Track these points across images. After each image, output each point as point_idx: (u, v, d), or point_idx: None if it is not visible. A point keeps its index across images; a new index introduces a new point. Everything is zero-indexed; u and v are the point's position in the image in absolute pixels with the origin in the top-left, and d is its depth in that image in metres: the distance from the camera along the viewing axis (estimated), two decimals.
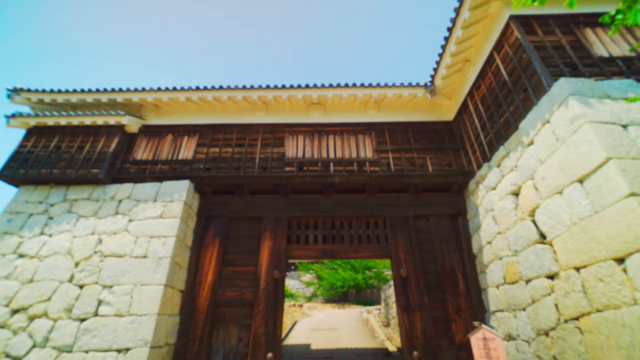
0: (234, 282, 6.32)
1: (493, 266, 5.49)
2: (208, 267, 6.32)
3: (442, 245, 6.51)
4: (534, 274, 4.32)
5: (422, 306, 5.84)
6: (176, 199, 6.36)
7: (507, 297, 5.01)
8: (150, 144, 7.46)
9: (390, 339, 12.29)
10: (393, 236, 6.58)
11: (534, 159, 4.51)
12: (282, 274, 6.20)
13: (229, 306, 6.09)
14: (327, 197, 7.08)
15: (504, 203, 5.22)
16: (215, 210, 6.95)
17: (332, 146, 7.42)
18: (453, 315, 5.82)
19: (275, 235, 6.61)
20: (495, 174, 5.62)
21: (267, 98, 7.51)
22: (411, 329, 5.63)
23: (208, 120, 7.82)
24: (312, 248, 6.61)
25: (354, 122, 7.71)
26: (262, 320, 5.75)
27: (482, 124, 6.27)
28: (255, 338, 5.61)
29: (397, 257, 6.34)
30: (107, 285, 5.38)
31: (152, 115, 7.90)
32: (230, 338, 5.85)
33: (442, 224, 6.74)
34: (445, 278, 6.18)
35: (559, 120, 4.05)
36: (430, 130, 7.55)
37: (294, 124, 7.72)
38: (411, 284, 6.06)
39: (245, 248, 6.66)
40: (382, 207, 6.95)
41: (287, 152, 7.35)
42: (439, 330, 5.76)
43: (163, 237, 5.89)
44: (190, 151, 7.34)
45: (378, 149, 7.27)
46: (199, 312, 5.87)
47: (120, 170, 6.99)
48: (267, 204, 7.02)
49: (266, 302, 5.92)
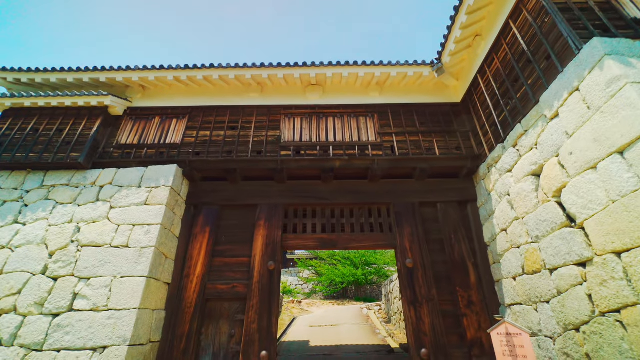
0: (225, 274, 5.81)
1: (509, 255, 5.01)
2: (197, 258, 5.81)
3: (451, 234, 6.02)
4: (560, 262, 3.83)
5: (431, 299, 5.36)
6: (162, 184, 5.84)
7: (526, 289, 4.52)
8: (136, 127, 6.93)
9: (392, 336, 11.84)
10: (398, 224, 6.08)
11: (559, 133, 4.01)
12: (277, 266, 5.70)
13: (220, 300, 5.59)
14: (327, 184, 6.57)
15: (522, 185, 4.72)
16: (205, 198, 6.43)
17: (331, 129, 6.90)
18: (464, 309, 5.34)
19: (270, 224, 6.11)
20: (511, 154, 5.12)
21: (261, 78, 6.98)
22: (419, 324, 5.15)
23: (199, 102, 7.29)
24: (310, 237, 6.11)
25: (355, 104, 7.18)
26: (255, 316, 5.26)
27: (494, 103, 5.76)
28: (248, 335, 5.12)
29: (403, 247, 5.85)
30: (83, 277, 4.87)
31: (138, 97, 7.36)
32: (220, 335, 5.36)
33: (451, 212, 6.25)
34: (455, 269, 5.69)
35: (591, 85, 3.54)
36: (436, 113, 7.04)
37: (290, 106, 7.19)
38: (418, 275, 5.57)
39: (237, 238, 6.15)
40: (385, 194, 6.45)
41: (283, 135, 6.82)
42: (449, 326, 5.28)
43: (147, 225, 5.37)
44: (178, 135, 6.81)
45: (381, 131, 6.76)
46: (187, 307, 5.37)
47: (103, 154, 6.47)
48: (261, 191, 6.51)
49: (260, 296, 5.43)
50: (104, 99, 6.60)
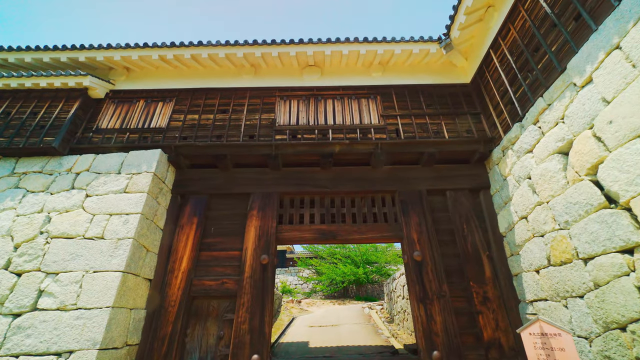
0: (213, 269, 5.26)
1: (530, 245, 4.45)
2: (183, 252, 5.26)
3: (463, 224, 5.47)
4: (597, 249, 3.28)
5: (442, 296, 4.80)
6: (144, 170, 5.29)
7: (552, 282, 3.97)
8: (118, 111, 6.38)
9: (395, 336, 11.27)
10: (404, 214, 5.53)
11: (593, 100, 3.46)
12: (271, 259, 5.15)
13: (208, 298, 5.04)
14: (325, 171, 6.02)
15: (546, 166, 4.17)
16: (193, 186, 5.88)
17: (330, 112, 6.35)
18: (479, 306, 4.79)
19: (263, 214, 5.56)
20: (532, 133, 4.57)
21: (254, 57, 6.42)
22: (429, 323, 4.59)
23: (187, 84, 6.73)
24: (308, 229, 5.55)
25: (356, 85, 6.63)
26: (246, 315, 4.71)
27: (510, 78, 5.21)
28: (238, 336, 4.56)
29: (410, 238, 5.30)
30: (51, 273, 4.32)
31: (122, 80, 6.81)
32: (208, 336, 4.81)
33: (462, 200, 5.69)
34: (468, 262, 5.13)
35: (637, 39, 2.99)
36: (444, 94, 6.49)
37: (286, 88, 6.64)
38: (427, 269, 5.02)
39: (228, 229, 5.60)
40: (390, 181, 5.90)
41: (278, 118, 6.27)
42: (463, 325, 4.73)
43: (125, 214, 4.83)
44: (164, 119, 6.26)
45: (384, 114, 6.20)
46: (170, 305, 4.82)
47: (81, 139, 5.92)
48: (254, 179, 5.95)
49: (252, 293, 4.87)
50: (82, 79, 6.05)
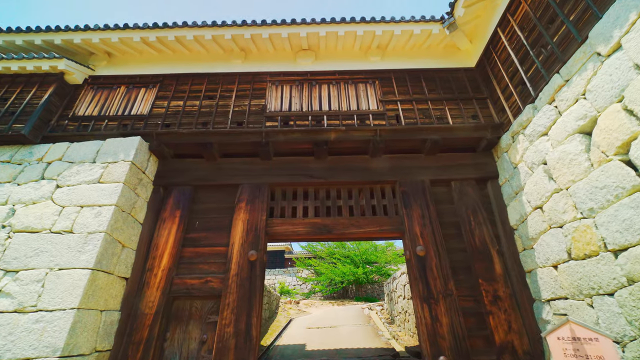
0: (197, 266, 4.81)
1: (547, 238, 4.00)
2: (164, 248, 4.80)
3: (469, 216, 5.02)
4: (632, 239, 2.83)
5: (448, 295, 4.35)
6: (121, 159, 4.84)
7: (574, 279, 3.51)
8: (97, 98, 5.93)
9: (396, 338, 10.80)
10: (405, 206, 5.08)
11: (623, 69, 3.02)
12: (260, 256, 4.69)
13: (190, 298, 4.58)
14: (320, 160, 5.57)
15: (565, 148, 3.72)
16: (177, 178, 5.43)
17: (325, 97, 5.90)
18: (489, 306, 4.33)
19: (252, 206, 5.10)
20: (546, 114, 4.13)
21: (243, 39, 5.98)
22: (434, 325, 4.13)
23: (172, 69, 6.28)
24: (301, 222, 5.09)
25: (353, 70, 6.19)
26: (231, 316, 4.25)
27: (521, 56, 4.77)
28: (222, 340, 4.10)
29: (412, 232, 4.85)
30: (11, 270, 3.85)
31: (103, 65, 6.36)
32: (189, 340, 4.34)
33: (468, 191, 5.25)
34: (476, 258, 4.68)
35: None
36: (447, 79, 6.05)
37: (278, 73, 6.19)
38: (432, 265, 4.56)
39: (214, 224, 5.15)
40: (390, 171, 5.45)
41: (268, 104, 5.82)
42: (472, 327, 4.27)
43: (97, 206, 4.37)
44: (147, 105, 5.81)
45: (384, 99, 5.76)
46: (148, 307, 4.36)
47: (56, 127, 5.46)
48: (243, 169, 5.50)
49: (238, 292, 4.41)
50: (57, 63, 5.60)
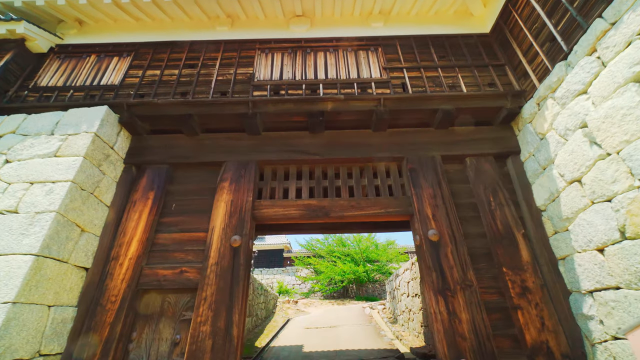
0: (172, 255, 4.12)
1: (589, 216, 3.31)
2: (133, 233, 4.11)
3: (489, 196, 4.33)
4: None
5: (467, 286, 3.65)
6: (83, 130, 4.15)
7: (630, 263, 2.82)
8: (64, 67, 5.24)
9: (399, 338, 10.10)
10: (414, 185, 4.39)
11: None
12: (245, 242, 4.00)
13: (162, 291, 3.89)
14: (315, 135, 4.88)
15: (614, 103, 3.03)
16: (152, 155, 4.74)
17: (321, 65, 5.21)
18: (516, 299, 3.63)
19: (237, 186, 4.42)
20: (585, 67, 3.44)
21: (230, 3, 5.29)
22: (452, 322, 3.44)
23: (150, 37, 5.60)
24: (293, 204, 4.40)
25: (352, 37, 5.50)
26: (209, 313, 3.55)
27: (550, 8, 4.08)
28: (196, 341, 3.41)
29: (423, 214, 4.16)
30: None
31: (73, 34, 5.67)
32: (159, 341, 3.65)
33: (485, 168, 4.56)
34: (498, 243, 3.99)
35: None
36: (459, 45, 5.36)
37: (268, 40, 5.51)
38: (447, 252, 3.87)
39: (193, 206, 4.46)
40: (396, 147, 4.76)
41: (257, 73, 5.14)
42: (496, 324, 3.57)
43: (50, 182, 3.68)
44: (119, 74, 5.12)
45: (388, 66, 5.07)
46: (110, 301, 3.67)
47: (14, 98, 4.78)
48: (228, 146, 4.81)
49: (218, 284, 3.72)
50: (15, 26, 4.91)
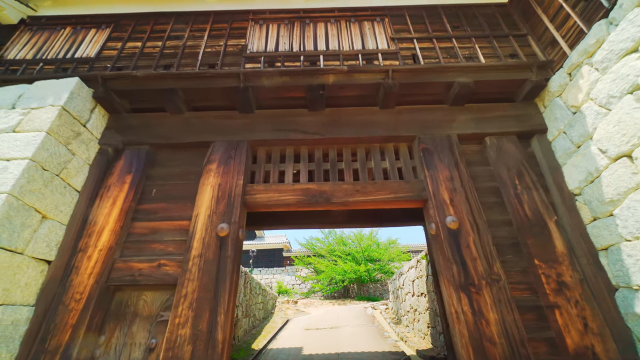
0: (149, 245, 3.57)
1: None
2: (105, 222, 3.57)
3: (513, 179, 3.79)
4: None
5: (494, 281, 3.11)
6: (49, 104, 3.62)
7: None
8: (35, 40, 4.72)
9: (404, 340, 9.55)
10: (428, 167, 3.85)
11: None
12: (234, 230, 3.46)
13: (137, 288, 3.35)
14: (315, 113, 4.34)
15: None
16: (131, 135, 4.20)
17: (322, 36, 4.68)
18: (552, 296, 3.09)
19: (226, 168, 3.88)
20: (635, 22, 2.91)
21: None
22: (478, 323, 2.90)
23: (132, 8, 5.08)
24: (290, 189, 3.86)
25: (356, 7, 4.97)
26: (188, 313, 3.01)
27: None
28: (173, 347, 2.86)
29: (439, 199, 3.61)
30: None
31: (47, 5, 5.14)
32: (132, 347, 3.11)
33: (508, 148, 4.02)
34: (527, 232, 3.45)
35: None
36: (474, 15, 4.83)
37: (263, 11, 4.98)
38: (469, 241, 3.32)
39: (176, 192, 3.92)
40: (406, 125, 4.22)
41: (250, 44, 4.61)
42: (529, 326, 3.02)
43: (4, 160, 3.15)
44: (96, 47, 4.60)
45: (396, 37, 4.54)
46: (74, 300, 3.12)
47: None
48: (217, 125, 4.28)
49: (201, 280, 3.18)
50: None
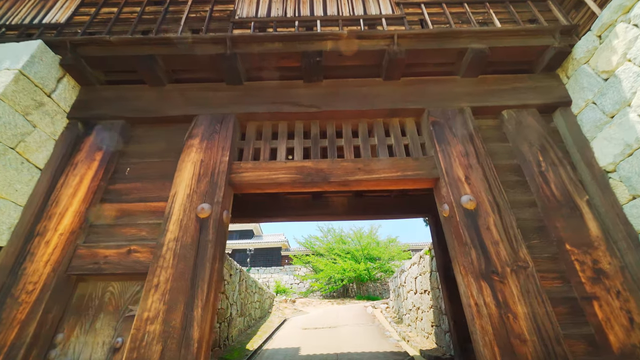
0: (120, 230, 3.10)
1: None
2: (68, 203, 3.09)
3: (536, 155, 3.33)
4: None
5: (521, 268, 2.65)
6: (4, 67, 3.15)
7: None
8: None
9: (406, 340, 9.09)
10: (439, 141, 3.39)
11: None
12: (217, 212, 2.99)
13: (103, 278, 2.87)
14: (312, 85, 3.88)
15: None
16: (104, 108, 3.73)
17: (319, 1, 4.23)
18: (588, 285, 2.63)
19: (210, 143, 3.41)
20: None
21: None
22: (504, 318, 2.43)
23: None
24: (282, 167, 3.39)
25: None
26: (159, 306, 2.54)
27: None
28: (139, 346, 2.39)
29: (453, 177, 3.16)
30: None
31: None
32: (93, 346, 2.63)
33: (529, 122, 3.56)
34: (555, 214, 2.99)
35: None
36: None
37: None
38: (489, 223, 2.87)
39: (153, 171, 3.45)
40: (413, 97, 3.76)
41: (239, 9, 4.14)
42: (563, 320, 2.56)
43: None
44: (67, 13, 4.13)
45: (402, 1, 4.09)
46: (26, 291, 2.65)
47: None
48: (202, 97, 3.81)
49: (176, 267, 2.70)
50: None
